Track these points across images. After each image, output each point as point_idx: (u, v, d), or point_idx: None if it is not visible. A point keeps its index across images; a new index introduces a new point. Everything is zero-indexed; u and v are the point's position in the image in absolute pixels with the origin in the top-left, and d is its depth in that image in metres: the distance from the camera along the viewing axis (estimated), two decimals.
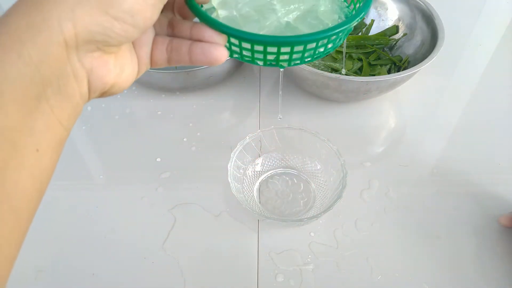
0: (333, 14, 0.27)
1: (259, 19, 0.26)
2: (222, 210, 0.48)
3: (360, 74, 0.61)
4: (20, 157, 0.18)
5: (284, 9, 0.26)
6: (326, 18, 0.27)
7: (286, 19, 0.26)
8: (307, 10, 0.27)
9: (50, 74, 0.19)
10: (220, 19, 0.26)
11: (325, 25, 0.27)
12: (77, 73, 0.20)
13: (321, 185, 0.49)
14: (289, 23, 0.26)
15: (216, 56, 0.23)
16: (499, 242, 0.45)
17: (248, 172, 0.51)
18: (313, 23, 0.27)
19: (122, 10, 0.19)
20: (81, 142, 0.56)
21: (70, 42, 0.19)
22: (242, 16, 0.26)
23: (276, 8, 0.26)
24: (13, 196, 0.18)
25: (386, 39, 0.64)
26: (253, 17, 0.26)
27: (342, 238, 0.46)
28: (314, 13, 0.27)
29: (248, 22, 0.26)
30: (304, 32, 0.26)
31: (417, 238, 0.46)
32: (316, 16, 0.27)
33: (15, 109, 0.18)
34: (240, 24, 0.26)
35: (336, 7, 0.28)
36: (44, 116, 0.19)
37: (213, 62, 0.24)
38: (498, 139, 0.57)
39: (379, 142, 0.57)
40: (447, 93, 0.64)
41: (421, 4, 0.62)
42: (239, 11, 0.26)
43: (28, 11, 0.18)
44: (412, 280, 0.42)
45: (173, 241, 0.45)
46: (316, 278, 0.42)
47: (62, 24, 0.18)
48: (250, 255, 0.44)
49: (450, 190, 0.50)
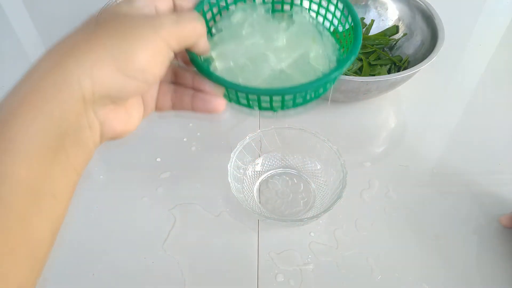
0: (324, 59, 0.29)
1: (254, 68, 0.28)
2: (222, 210, 0.48)
3: (360, 74, 0.61)
4: (39, 203, 0.20)
5: (276, 58, 0.28)
6: (318, 63, 0.29)
7: (279, 67, 0.28)
8: (299, 56, 0.29)
9: (69, 127, 0.21)
10: (218, 70, 0.28)
11: (316, 70, 0.29)
12: (92, 125, 0.22)
13: (321, 185, 0.49)
14: (283, 70, 0.28)
15: (215, 107, 0.27)
16: (499, 242, 0.45)
17: (248, 172, 0.51)
18: (305, 69, 0.29)
19: (134, 69, 0.21)
20: None
21: (88, 98, 0.21)
22: (238, 67, 0.28)
23: (269, 57, 0.28)
24: (32, 240, 0.20)
25: (386, 39, 0.64)
26: (249, 67, 0.28)
27: (342, 238, 0.46)
28: (305, 59, 0.29)
29: (244, 72, 0.28)
30: (296, 78, 0.28)
31: (417, 238, 0.46)
32: (307, 62, 0.29)
33: (36, 160, 0.19)
34: (237, 74, 0.28)
35: (328, 51, 0.30)
36: (61, 164, 0.21)
37: (213, 112, 0.27)
38: (498, 139, 0.57)
39: (379, 142, 0.57)
40: (447, 93, 0.64)
41: (421, 4, 0.62)
42: (236, 61, 0.28)
43: (52, 70, 0.20)
44: (412, 280, 0.42)
45: (173, 241, 0.45)
46: (316, 278, 0.42)
47: (81, 83, 0.20)
48: (250, 255, 0.44)
49: (450, 190, 0.50)
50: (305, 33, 0.31)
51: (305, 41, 0.30)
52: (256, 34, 0.29)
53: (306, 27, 0.31)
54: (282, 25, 0.30)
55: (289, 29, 0.30)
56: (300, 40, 0.30)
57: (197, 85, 0.27)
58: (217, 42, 0.29)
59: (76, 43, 0.21)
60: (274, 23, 0.31)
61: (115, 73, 0.21)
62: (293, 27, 0.31)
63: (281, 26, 0.30)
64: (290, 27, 0.31)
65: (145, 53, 0.22)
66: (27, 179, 0.19)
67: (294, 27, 0.31)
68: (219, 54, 0.28)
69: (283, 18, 0.32)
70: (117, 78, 0.21)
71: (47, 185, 0.20)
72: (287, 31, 0.30)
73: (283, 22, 0.31)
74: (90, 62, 0.20)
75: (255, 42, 0.29)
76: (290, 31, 0.30)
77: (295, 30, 0.30)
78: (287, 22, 0.31)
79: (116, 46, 0.21)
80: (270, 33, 0.29)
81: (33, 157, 0.19)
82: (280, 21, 0.31)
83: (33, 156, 0.19)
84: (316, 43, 0.30)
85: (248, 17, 0.30)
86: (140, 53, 0.21)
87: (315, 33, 0.31)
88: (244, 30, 0.29)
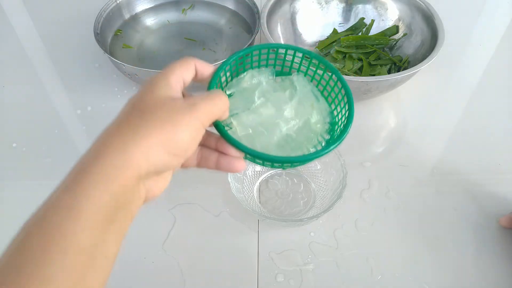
0: (322, 123, 0.37)
1: (268, 134, 0.34)
2: (222, 210, 0.48)
3: (360, 74, 0.61)
4: (94, 265, 0.23)
5: (285, 126, 0.35)
6: (317, 128, 0.36)
7: (288, 132, 0.35)
8: (303, 123, 0.36)
9: (124, 201, 0.24)
10: (238, 135, 0.34)
11: (316, 133, 0.36)
12: (140, 195, 0.26)
13: (321, 185, 0.49)
14: (291, 135, 0.35)
15: (238, 168, 0.31)
16: (499, 242, 0.45)
17: (248, 172, 0.51)
18: (308, 134, 0.36)
19: (179, 149, 0.26)
20: (81, 142, 0.56)
21: (142, 176, 0.25)
22: (255, 133, 0.34)
23: (280, 125, 0.35)
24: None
25: (386, 39, 0.64)
26: (263, 133, 0.35)
27: (342, 238, 0.46)
28: (308, 125, 0.36)
29: (260, 137, 0.34)
30: (301, 141, 0.35)
31: (417, 238, 0.46)
32: (310, 128, 0.36)
33: (97, 230, 0.23)
34: (254, 139, 0.34)
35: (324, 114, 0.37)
36: (114, 230, 0.24)
37: (235, 172, 0.34)
38: (498, 139, 0.57)
39: (379, 142, 0.57)
40: (447, 93, 0.64)
41: (421, 4, 0.62)
42: (254, 129, 0.35)
43: (113, 154, 0.24)
44: (412, 280, 0.42)
45: (173, 241, 0.45)
46: (316, 278, 0.42)
47: (140, 165, 0.24)
48: (250, 255, 0.44)
49: (450, 190, 0.50)
50: (306, 99, 0.37)
51: (306, 108, 0.37)
52: (268, 104, 0.36)
53: (306, 93, 0.38)
54: (287, 93, 0.37)
55: (294, 99, 0.37)
56: (303, 107, 0.37)
57: (220, 148, 0.31)
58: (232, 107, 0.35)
59: (132, 130, 0.25)
60: (280, 91, 0.37)
61: (165, 153, 0.25)
62: (296, 95, 0.37)
63: (287, 95, 0.37)
64: (293, 95, 0.37)
65: (188, 136, 0.26)
66: (88, 246, 0.22)
67: (297, 95, 0.37)
68: (239, 122, 0.34)
69: (287, 85, 0.38)
70: (166, 157, 0.26)
71: (102, 249, 0.23)
72: (292, 100, 0.37)
73: (287, 90, 0.38)
74: (147, 147, 0.25)
75: (269, 113, 0.35)
76: (295, 100, 0.37)
77: (298, 98, 0.37)
78: (290, 90, 0.38)
79: (165, 132, 0.25)
80: (279, 104, 0.36)
81: (95, 227, 0.23)
82: (284, 88, 0.38)
83: (95, 226, 0.23)
84: (315, 109, 0.37)
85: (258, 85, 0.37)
86: (184, 137, 0.26)
87: (313, 99, 0.38)
88: (257, 98, 0.36)
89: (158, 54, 0.67)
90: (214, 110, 0.28)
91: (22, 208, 0.49)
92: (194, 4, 0.74)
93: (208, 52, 0.68)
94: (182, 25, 0.73)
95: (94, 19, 0.62)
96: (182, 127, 0.26)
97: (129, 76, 0.59)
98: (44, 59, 0.70)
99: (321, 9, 0.69)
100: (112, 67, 0.66)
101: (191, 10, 0.74)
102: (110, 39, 0.66)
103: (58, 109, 0.61)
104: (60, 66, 0.68)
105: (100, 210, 0.23)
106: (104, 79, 0.65)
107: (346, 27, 0.69)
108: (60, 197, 0.23)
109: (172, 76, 0.29)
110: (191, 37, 0.70)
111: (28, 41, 0.74)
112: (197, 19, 0.73)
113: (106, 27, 0.65)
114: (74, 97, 0.63)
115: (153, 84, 0.28)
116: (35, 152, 0.55)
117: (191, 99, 0.27)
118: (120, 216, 0.24)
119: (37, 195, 0.49)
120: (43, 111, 0.61)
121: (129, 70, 0.57)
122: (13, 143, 0.56)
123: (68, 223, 0.22)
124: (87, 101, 0.62)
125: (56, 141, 0.56)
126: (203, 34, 0.71)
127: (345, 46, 0.64)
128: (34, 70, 0.68)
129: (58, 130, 0.58)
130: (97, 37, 0.60)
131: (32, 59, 0.70)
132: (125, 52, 0.66)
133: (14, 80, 0.66)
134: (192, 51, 0.68)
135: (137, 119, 0.26)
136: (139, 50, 0.68)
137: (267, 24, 0.60)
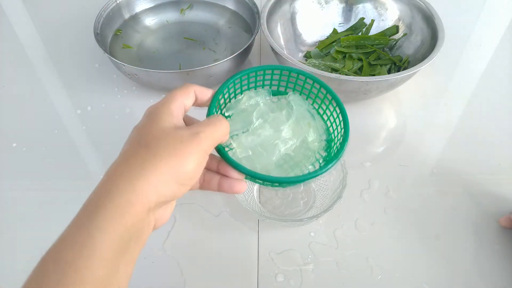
0: (319, 141, 0.39)
1: (267, 155, 0.36)
2: (222, 210, 0.48)
3: (360, 74, 0.61)
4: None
5: (284, 146, 0.37)
6: (314, 146, 0.38)
7: (286, 152, 0.37)
8: (300, 142, 0.38)
9: (136, 231, 0.26)
10: (239, 157, 0.36)
11: (314, 151, 0.38)
12: (150, 225, 0.27)
13: (321, 185, 0.49)
14: (289, 154, 0.37)
15: (239, 190, 0.33)
16: (498, 242, 0.45)
17: None
18: (306, 152, 0.38)
19: (186, 178, 0.27)
20: (81, 142, 0.56)
21: (152, 207, 0.26)
22: (254, 154, 0.36)
23: (279, 145, 0.37)
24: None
25: (386, 39, 0.64)
26: (263, 154, 0.36)
27: (342, 238, 0.46)
28: (305, 144, 0.38)
29: (259, 157, 0.36)
30: (299, 159, 0.37)
31: (417, 238, 0.46)
32: (307, 147, 0.38)
33: (110, 262, 0.24)
34: (254, 160, 0.36)
35: (320, 132, 0.39)
36: (127, 260, 0.25)
37: (237, 193, 0.38)
38: (498, 139, 0.57)
39: (379, 142, 0.57)
40: (447, 93, 0.64)
41: (421, 4, 0.62)
42: (253, 150, 0.36)
43: (123, 189, 0.25)
44: (412, 280, 0.42)
45: (173, 241, 0.45)
46: (316, 278, 0.42)
47: (150, 198, 0.26)
48: (250, 255, 0.44)
49: (450, 190, 0.50)
50: (302, 118, 0.39)
51: (303, 127, 0.39)
52: (266, 126, 0.37)
53: (302, 112, 0.40)
54: (284, 113, 0.38)
55: (291, 118, 0.38)
56: (300, 127, 0.39)
57: (222, 170, 0.33)
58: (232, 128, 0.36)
59: (140, 164, 0.26)
60: (277, 112, 0.39)
61: (173, 184, 0.26)
62: (293, 114, 0.39)
63: (284, 115, 0.38)
64: (290, 114, 0.39)
65: (193, 165, 0.27)
66: (102, 277, 0.23)
67: (293, 115, 0.39)
68: (239, 144, 0.36)
69: (283, 104, 0.40)
70: (174, 187, 0.27)
71: (115, 278, 0.24)
72: (289, 120, 0.38)
73: (284, 109, 0.39)
74: (155, 180, 0.26)
75: (267, 134, 0.37)
76: (292, 120, 0.38)
77: (295, 118, 0.39)
78: (287, 109, 0.39)
79: (172, 164, 0.26)
80: (277, 124, 0.38)
81: (109, 260, 0.24)
82: (281, 107, 0.40)
83: (109, 259, 0.24)
84: (311, 127, 0.39)
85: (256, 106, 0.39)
86: (190, 167, 0.27)
87: (310, 118, 0.40)
88: (255, 119, 0.38)
89: (158, 54, 0.67)
90: (216, 136, 0.30)
91: (22, 208, 0.49)
92: (194, 4, 0.74)
93: (208, 52, 0.68)
94: (182, 25, 0.73)
95: (94, 19, 0.62)
96: (188, 157, 0.27)
97: (129, 76, 0.59)
98: (44, 59, 0.70)
99: (321, 9, 0.69)
100: (112, 67, 0.66)
101: (190, 10, 0.74)
102: (110, 39, 0.67)
103: (58, 109, 0.61)
104: (60, 66, 0.68)
105: (112, 244, 0.24)
106: (104, 79, 0.65)
107: (346, 27, 0.69)
108: (74, 233, 0.25)
109: (173, 104, 0.30)
110: (191, 37, 0.70)
111: (28, 41, 0.74)
112: (197, 19, 0.73)
113: (106, 27, 0.65)
114: (74, 97, 0.63)
115: (156, 114, 0.29)
116: (35, 152, 0.55)
117: (193, 128, 0.29)
118: (132, 246, 0.26)
119: (37, 195, 0.49)
120: (43, 111, 0.61)
121: (129, 70, 0.57)
122: (13, 143, 0.56)
123: (82, 259, 0.23)
124: (87, 101, 0.62)
125: (56, 141, 0.56)
126: (203, 34, 0.71)
127: (345, 46, 0.64)
128: (34, 70, 0.68)
129: (58, 130, 0.58)
130: (97, 37, 0.60)
131: (32, 59, 0.70)
132: (125, 52, 0.66)
133: (14, 80, 0.66)
134: (192, 51, 0.68)
135: (143, 152, 0.27)
136: (139, 50, 0.68)
137: (267, 24, 0.60)
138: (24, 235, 0.46)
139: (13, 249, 0.45)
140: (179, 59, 0.66)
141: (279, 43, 0.65)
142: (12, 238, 0.46)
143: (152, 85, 0.60)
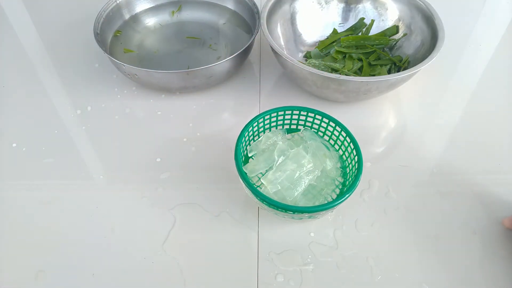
0: (335, 169, 0.46)
1: (293, 187, 0.42)
2: (222, 210, 0.48)
3: (360, 74, 0.61)
4: None
5: (307, 177, 0.43)
6: (332, 173, 0.45)
7: (310, 182, 0.43)
8: (321, 171, 0.44)
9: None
10: (269, 193, 0.42)
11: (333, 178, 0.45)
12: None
13: None
14: (312, 184, 0.44)
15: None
16: (498, 242, 0.45)
17: None
18: (326, 180, 0.45)
19: None
20: (81, 142, 0.56)
21: None
22: (283, 188, 0.42)
23: (303, 178, 0.43)
24: None
25: (386, 39, 0.64)
26: (290, 187, 0.42)
27: (342, 238, 0.46)
28: (324, 173, 0.45)
29: (287, 190, 0.42)
30: (321, 187, 0.44)
31: (417, 238, 0.46)
32: (327, 175, 0.45)
33: None
34: (283, 192, 0.42)
35: (335, 160, 0.46)
36: None
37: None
38: (498, 139, 0.57)
39: (379, 142, 0.57)
40: (447, 93, 0.64)
41: (421, 4, 0.62)
42: (281, 185, 0.42)
43: None
44: (412, 280, 0.42)
45: (173, 241, 0.45)
46: (316, 278, 0.42)
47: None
48: (250, 255, 0.44)
49: (450, 190, 0.50)
50: (318, 150, 0.45)
51: (320, 158, 0.45)
52: (288, 162, 0.43)
53: (317, 145, 0.46)
54: (301, 148, 0.44)
55: (309, 152, 0.44)
56: (317, 158, 0.44)
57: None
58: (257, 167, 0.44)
59: None
60: (295, 147, 0.45)
61: None
62: (310, 148, 0.45)
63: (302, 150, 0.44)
64: (307, 149, 0.45)
65: None
66: None
67: (311, 149, 0.45)
68: (268, 181, 0.42)
69: (298, 141, 0.47)
70: None
71: None
72: (308, 154, 0.44)
73: (300, 145, 0.45)
74: None
75: (292, 168, 0.43)
76: (310, 153, 0.44)
77: (312, 151, 0.45)
78: (303, 145, 0.46)
79: None
80: (298, 159, 0.43)
81: None
82: (297, 143, 0.47)
83: None
84: (327, 157, 0.45)
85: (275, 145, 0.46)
86: None
87: (324, 149, 0.46)
88: (277, 156, 0.44)
89: (158, 54, 0.67)
90: None
91: (22, 208, 0.49)
92: (194, 4, 0.74)
93: (208, 52, 0.68)
94: (182, 25, 0.73)
95: (94, 19, 0.62)
96: None
97: (129, 76, 0.59)
98: (44, 59, 0.70)
99: (321, 9, 0.69)
100: (112, 67, 0.66)
101: (190, 10, 0.74)
102: (110, 39, 0.67)
103: (58, 109, 0.61)
104: (60, 66, 0.68)
105: None
106: (104, 79, 0.65)
107: (346, 27, 0.69)
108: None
109: None
110: (191, 37, 0.70)
111: (28, 41, 0.74)
112: (196, 19, 0.73)
113: (106, 27, 0.65)
114: (74, 97, 0.63)
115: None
116: (35, 152, 0.55)
117: None
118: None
119: (37, 195, 0.49)
120: (43, 111, 0.61)
121: (129, 70, 0.57)
122: (13, 143, 0.56)
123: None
124: (87, 101, 0.62)
125: (56, 141, 0.56)
126: (202, 34, 0.71)
127: (345, 46, 0.64)
128: (34, 70, 0.68)
129: (58, 130, 0.58)
130: (97, 37, 0.60)
131: (32, 59, 0.70)
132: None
133: (14, 80, 0.66)
134: (192, 50, 0.68)
135: None
136: (139, 50, 0.68)
137: (267, 24, 0.60)
138: (24, 235, 0.46)
139: (13, 249, 0.45)
140: (179, 59, 0.66)
141: (279, 43, 0.65)
142: (12, 238, 0.46)
143: (152, 85, 0.60)
